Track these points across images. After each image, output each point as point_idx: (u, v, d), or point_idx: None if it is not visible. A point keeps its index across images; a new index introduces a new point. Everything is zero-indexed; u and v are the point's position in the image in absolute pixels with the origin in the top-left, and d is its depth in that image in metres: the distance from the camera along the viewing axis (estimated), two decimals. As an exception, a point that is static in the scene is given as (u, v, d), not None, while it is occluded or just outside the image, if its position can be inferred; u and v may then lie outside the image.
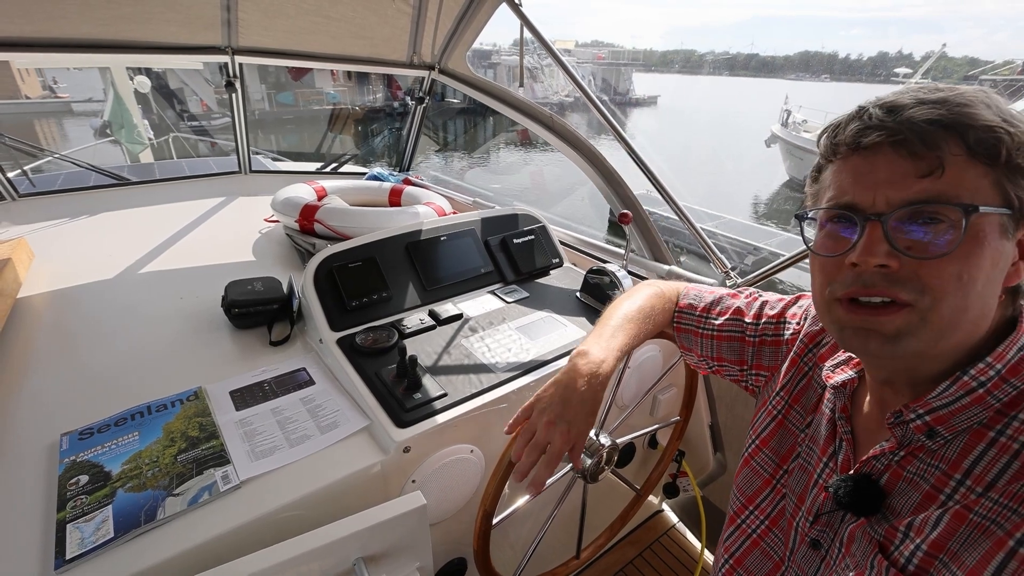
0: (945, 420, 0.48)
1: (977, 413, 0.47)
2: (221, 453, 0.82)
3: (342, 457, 0.83)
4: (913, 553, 0.48)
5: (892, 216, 0.46)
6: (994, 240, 0.44)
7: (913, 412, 0.49)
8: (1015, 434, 0.45)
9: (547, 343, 1.09)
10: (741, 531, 0.71)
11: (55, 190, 2.09)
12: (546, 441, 0.68)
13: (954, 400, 0.47)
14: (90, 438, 0.85)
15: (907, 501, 0.51)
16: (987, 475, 0.46)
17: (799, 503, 0.63)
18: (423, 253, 1.26)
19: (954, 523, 0.46)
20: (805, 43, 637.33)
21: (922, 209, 0.45)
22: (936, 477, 0.49)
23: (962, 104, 0.44)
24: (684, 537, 1.61)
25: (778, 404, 0.70)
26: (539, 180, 5.14)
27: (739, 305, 0.80)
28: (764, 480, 0.69)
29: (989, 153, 0.43)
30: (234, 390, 0.97)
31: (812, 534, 0.59)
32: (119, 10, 1.55)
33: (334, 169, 2.64)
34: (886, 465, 0.53)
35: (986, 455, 0.46)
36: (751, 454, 0.72)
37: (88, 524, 0.69)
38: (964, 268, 0.44)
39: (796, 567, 0.62)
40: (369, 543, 0.70)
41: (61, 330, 1.18)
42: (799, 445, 0.66)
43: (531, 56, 1.89)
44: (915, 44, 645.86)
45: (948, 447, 0.49)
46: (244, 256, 1.58)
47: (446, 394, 0.91)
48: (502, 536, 1.13)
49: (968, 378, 0.47)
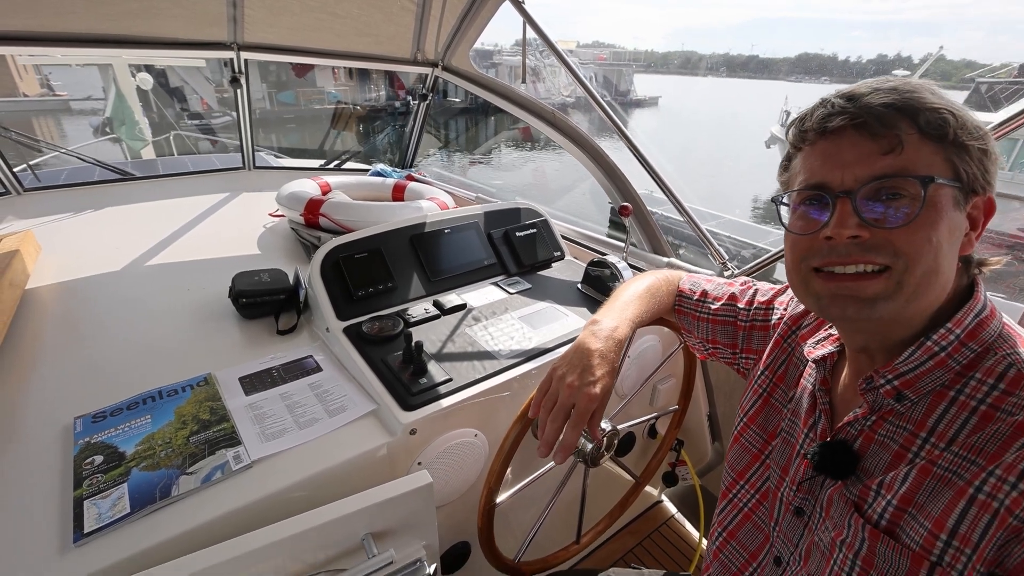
0: (912, 384, 0.52)
1: (940, 376, 0.51)
2: (232, 435, 0.84)
3: (350, 439, 0.85)
4: (885, 509, 0.51)
5: (860, 192, 0.50)
6: (949, 210, 0.49)
7: (883, 377, 0.53)
8: (973, 392, 0.49)
9: (549, 332, 1.11)
10: (733, 505, 0.74)
11: (60, 184, 2.11)
12: (570, 403, 0.68)
13: (919, 364, 0.51)
14: (103, 421, 0.87)
15: (879, 462, 0.54)
16: (949, 431, 0.49)
17: (783, 474, 0.66)
18: (427, 245, 1.29)
19: (920, 477, 0.49)
20: (806, 45, 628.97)
21: (885, 184, 0.49)
22: (904, 437, 0.52)
23: (911, 91, 0.49)
24: (683, 527, 1.63)
25: (763, 383, 0.74)
26: (541, 177, 5.18)
27: (734, 291, 0.84)
28: (753, 455, 0.72)
29: (938, 132, 0.48)
30: (243, 376, 0.99)
31: (796, 502, 0.62)
32: (126, 5, 1.57)
33: (337, 166, 2.66)
34: (860, 430, 0.56)
35: (947, 413, 0.50)
36: (740, 431, 0.75)
37: (105, 500, 0.71)
38: (931, 232, 0.48)
39: (783, 535, 0.65)
40: (377, 519, 0.72)
41: (70, 320, 1.20)
42: (783, 420, 0.69)
43: (533, 55, 1.91)
44: (915, 47, 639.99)
45: (914, 408, 0.52)
46: (249, 250, 1.60)
47: (451, 379, 0.93)
48: (505, 521, 1.15)
49: (931, 343, 0.50)
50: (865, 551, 0.51)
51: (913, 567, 0.48)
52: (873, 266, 0.50)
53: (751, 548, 0.71)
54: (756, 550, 0.70)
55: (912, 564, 0.48)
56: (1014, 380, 0.47)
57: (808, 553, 0.60)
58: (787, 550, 0.64)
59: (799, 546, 0.62)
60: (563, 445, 0.69)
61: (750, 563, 0.71)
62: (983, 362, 0.49)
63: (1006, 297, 0.98)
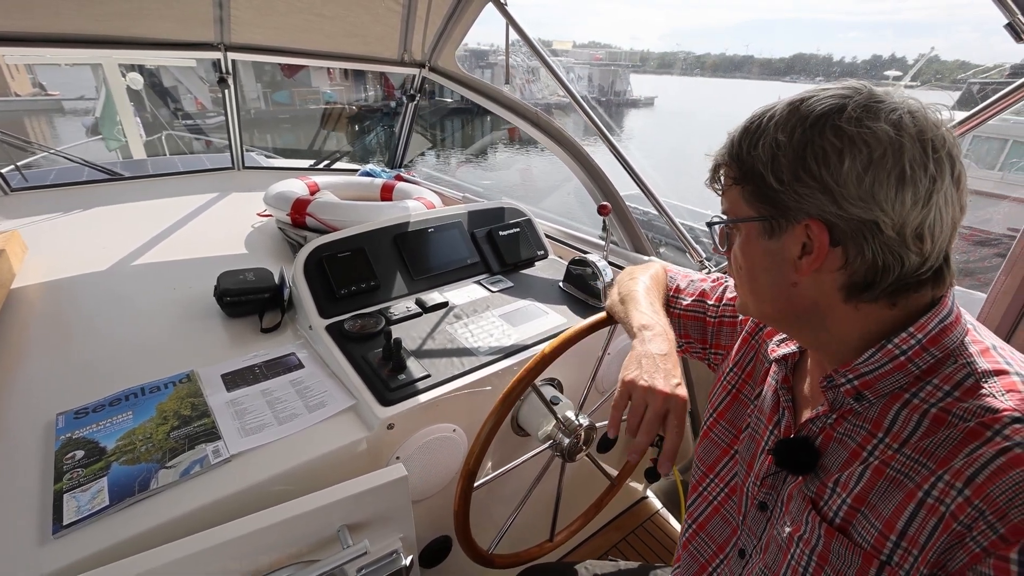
0: (871, 384, 0.52)
1: (899, 379, 0.51)
2: (212, 430, 0.86)
3: (329, 434, 0.87)
4: (839, 507, 0.52)
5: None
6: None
7: (843, 376, 0.53)
8: (927, 396, 0.49)
9: (528, 329, 1.13)
10: (703, 498, 0.76)
11: (47, 184, 2.11)
12: (664, 409, 0.65)
13: (879, 366, 0.51)
14: (85, 417, 0.88)
15: (836, 459, 0.55)
16: (902, 433, 0.49)
17: (748, 469, 0.68)
18: (411, 244, 1.30)
19: (874, 477, 0.50)
20: (803, 46, 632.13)
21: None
22: (862, 436, 0.53)
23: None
24: (667, 522, 1.65)
25: (732, 379, 0.75)
26: (528, 176, 5.20)
27: (705, 288, 0.86)
28: (722, 450, 0.74)
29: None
30: (225, 373, 1.01)
31: (759, 496, 0.64)
32: (114, 6, 1.58)
33: (327, 166, 2.67)
34: (820, 428, 0.57)
35: (900, 414, 0.50)
36: (709, 426, 0.77)
37: (84, 493, 0.73)
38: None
39: (748, 529, 0.67)
40: (352, 512, 0.74)
41: (55, 319, 1.21)
42: (749, 416, 0.71)
43: (527, 56, 1.93)
44: (911, 47, 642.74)
45: (871, 408, 0.53)
46: (237, 249, 1.62)
47: (429, 375, 0.95)
48: (486, 513, 1.17)
49: (892, 346, 0.50)
50: (821, 547, 0.53)
51: (864, 565, 0.49)
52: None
53: (719, 540, 0.73)
54: (724, 542, 0.72)
55: (863, 562, 0.49)
56: (970, 389, 0.47)
57: (767, 546, 0.62)
58: (751, 543, 0.66)
59: (761, 539, 0.64)
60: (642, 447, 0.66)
61: (717, 555, 0.73)
62: (942, 368, 0.49)
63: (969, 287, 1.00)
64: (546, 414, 1.00)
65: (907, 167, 0.44)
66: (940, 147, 0.45)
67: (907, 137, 0.45)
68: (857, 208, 0.46)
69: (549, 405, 0.98)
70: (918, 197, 0.45)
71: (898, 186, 0.45)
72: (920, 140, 0.45)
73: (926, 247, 0.47)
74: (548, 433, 1.01)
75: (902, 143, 0.45)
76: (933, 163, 0.45)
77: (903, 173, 0.45)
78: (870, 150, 0.45)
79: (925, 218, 0.46)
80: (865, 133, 0.45)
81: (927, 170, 0.45)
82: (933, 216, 0.46)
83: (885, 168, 0.45)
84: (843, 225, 0.47)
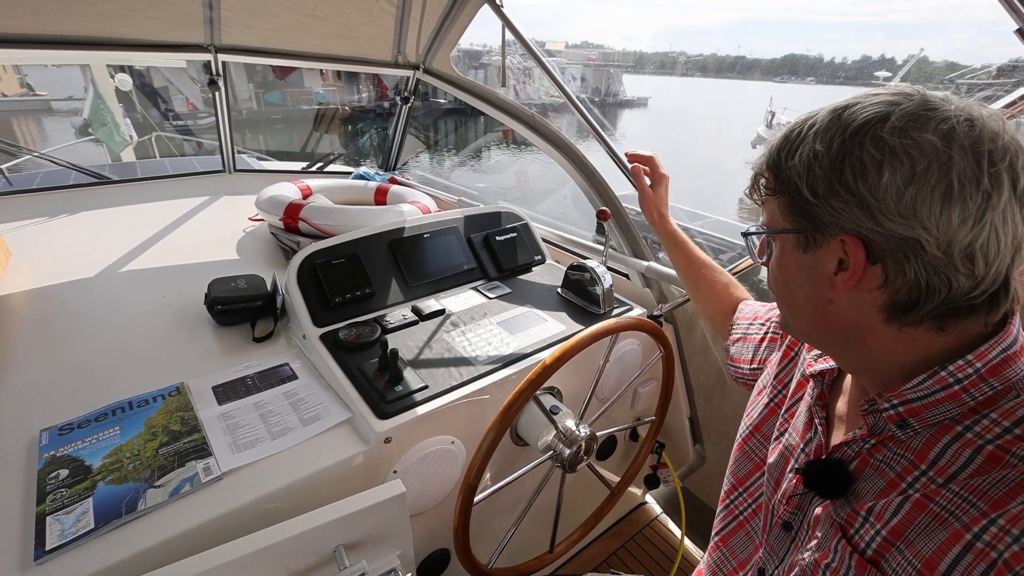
0: (918, 412, 0.48)
1: (950, 409, 0.47)
2: (203, 446, 0.83)
3: (324, 449, 0.84)
4: (873, 538, 0.49)
5: None
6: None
7: (887, 401, 0.50)
8: (983, 431, 0.45)
9: (527, 337, 1.11)
10: (729, 511, 0.74)
11: (33, 188, 2.06)
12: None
13: (929, 394, 0.47)
14: (70, 433, 0.85)
15: (871, 487, 0.51)
16: (950, 467, 0.46)
17: (776, 486, 0.65)
18: (406, 250, 1.28)
19: (914, 511, 0.46)
20: (793, 46, 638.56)
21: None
22: (902, 466, 0.49)
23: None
24: (667, 528, 1.64)
25: (771, 392, 0.73)
26: (524, 179, 5.17)
27: (760, 311, 0.87)
28: (755, 464, 0.72)
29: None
30: (216, 385, 0.98)
31: (784, 516, 0.61)
32: (101, 6, 1.54)
33: (320, 168, 2.64)
34: (857, 452, 0.54)
35: (950, 448, 0.46)
36: (744, 439, 0.74)
37: (68, 516, 0.70)
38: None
39: (770, 548, 0.64)
40: (349, 531, 0.71)
41: (40, 327, 1.18)
42: (781, 431, 0.68)
43: (522, 57, 1.90)
44: (900, 48, 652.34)
45: (915, 438, 0.49)
46: (228, 255, 1.58)
47: (427, 386, 0.93)
48: (485, 526, 1.15)
49: (946, 373, 0.46)
50: None
51: None
52: None
53: (740, 556, 0.71)
54: (745, 559, 0.70)
55: None
56: None
57: (790, 569, 0.59)
58: (772, 563, 0.63)
59: (784, 560, 0.61)
60: None
61: (737, 571, 0.71)
62: (1002, 402, 0.45)
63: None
64: (546, 424, 0.98)
65: (955, 181, 0.41)
66: (999, 160, 0.42)
67: (957, 149, 0.42)
68: (896, 224, 0.43)
69: (549, 415, 0.96)
70: (967, 214, 0.41)
71: (944, 202, 0.42)
72: (974, 152, 0.41)
73: (978, 269, 0.43)
74: (548, 443, 0.99)
75: (950, 155, 0.41)
76: (988, 177, 0.41)
77: (950, 188, 0.41)
78: (913, 163, 0.42)
79: (976, 237, 0.42)
80: (908, 144, 0.42)
81: (979, 185, 0.41)
82: (987, 235, 0.42)
83: (929, 183, 0.42)
84: (881, 242, 0.44)
